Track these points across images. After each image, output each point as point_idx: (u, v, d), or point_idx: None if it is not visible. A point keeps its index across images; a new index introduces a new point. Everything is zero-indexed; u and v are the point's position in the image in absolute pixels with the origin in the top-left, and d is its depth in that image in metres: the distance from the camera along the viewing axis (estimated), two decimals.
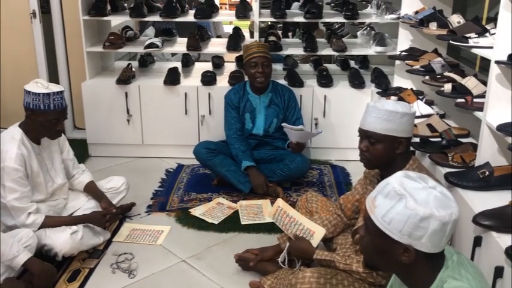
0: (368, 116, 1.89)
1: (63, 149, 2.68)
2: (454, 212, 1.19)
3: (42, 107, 2.33)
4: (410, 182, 1.22)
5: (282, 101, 3.35)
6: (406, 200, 1.18)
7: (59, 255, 2.39)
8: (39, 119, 2.37)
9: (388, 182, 1.24)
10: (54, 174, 2.56)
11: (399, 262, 1.22)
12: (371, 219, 1.23)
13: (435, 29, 2.78)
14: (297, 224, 2.26)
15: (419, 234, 1.18)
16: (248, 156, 3.19)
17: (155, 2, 4.23)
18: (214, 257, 2.59)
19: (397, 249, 1.21)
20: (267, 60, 3.22)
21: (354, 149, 2.14)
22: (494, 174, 2.09)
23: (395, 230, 1.19)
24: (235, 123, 3.30)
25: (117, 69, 4.06)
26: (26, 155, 2.37)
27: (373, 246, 1.27)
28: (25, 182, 2.37)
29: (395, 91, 3.33)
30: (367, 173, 2.17)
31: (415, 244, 1.19)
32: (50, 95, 2.34)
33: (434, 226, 1.17)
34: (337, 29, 5.09)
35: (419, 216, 1.17)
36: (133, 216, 2.98)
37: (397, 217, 1.18)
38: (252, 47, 3.25)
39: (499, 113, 2.15)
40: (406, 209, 1.18)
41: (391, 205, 1.20)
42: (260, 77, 3.21)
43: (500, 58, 2.06)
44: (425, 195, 1.19)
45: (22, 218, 2.35)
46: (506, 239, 1.74)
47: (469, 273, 1.24)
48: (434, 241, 1.19)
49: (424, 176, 1.27)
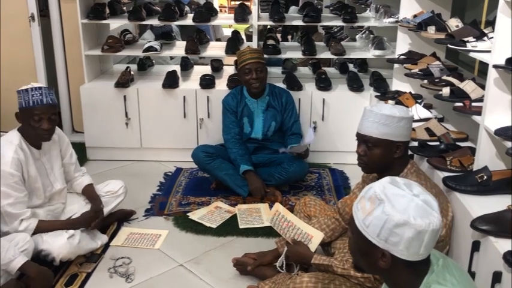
0: (365, 121, 1.89)
1: (66, 153, 2.65)
2: (432, 222, 1.19)
3: (24, 104, 2.31)
4: (393, 188, 1.24)
5: (279, 104, 3.34)
6: (384, 205, 1.20)
7: (56, 259, 2.38)
8: (24, 119, 2.34)
9: (371, 186, 1.26)
10: (54, 179, 2.54)
11: (378, 266, 1.24)
12: (354, 221, 1.26)
13: (433, 33, 2.78)
14: (295, 229, 2.25)
15: (395, 241, 1.19)
16: (246, 160, 3.18)
17: (154, 6, 4.23)
18: (212, 261, 2.58)
19: (376, 253, 1.23)
20: (260, 66, 3.21)
21: (352, 153, 2.14)
22: (492, 179, 2.08)
23: (373, 234, 1.21)
24: (234, 128, 3.29)
25: (116, 72, 4.06)
26: (22, 159, 2.35)
27: (356, 247, 1.29)
28: (21, 187, 2.34)
29: (393, 95, 3.32)
30: (365, 177, 2.17)
31: (392, 250, 1.20)
32: (29, 90, 2.31)
33: (409, 234, 1.18)
34: (336, 33, 5.10)
35: (394, 222, 1.18)
36: (131, 220, 2.97)
37: (375, 221, 1.20)
38: (245, 53, 3.23)
39: (497, 117, 2.15)
40: (383, 214, 1.19)
41: (371, 209, 1.22)
42: (255, 82, 3.21)
43: (498, 62, 2.06)
44: (405, 203, 1.20)
45: (15, 225, 2.33)
46: (505, 243, 1.73)
47: (454, 278, 1.24)
48: (412, 249, 1.19)
49: (410, 183, 1.27)
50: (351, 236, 1.31)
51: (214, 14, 4.12)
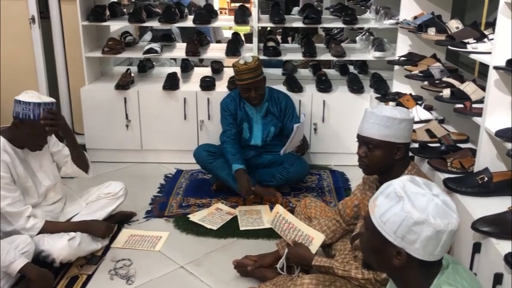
0: (366, 122, 1.89)
1: (49, 143, 2.59)
2: (451, 222, 1.19)
3: (32, 116, 2.30)
4: (413, 187, 1.23)
5: (278, 110, 3.31)
6: (403, 202, 1.20)
7: (56, 261, 2.38)
8: (26, 130, 2.34)
9: (391, 183, 1.26)
10: (42, 176, 2.52)
11: (392, 264, 1.24)
12: (370, 217, 1.25)
13: (434, 34, 2.78)
14: (295, 230, 2.25)
15: (412, 239, 1.19)
16: (238, 159, 3.11)
17: (154, 8, 4.24)
18: (213, 263, 2.58)
19: (390, 251, 1.22)
20: (258, 83, 3.14)
21: (353, 154, 2.14)
22: (493, 180, 2.09)
23: (390, 231, 1.21)
24: (230, 129, 3.24)
25: (116, 74, 4.06)
26: (9, 161, 2.34)
27: (369, 244, 1.29)
28: (13, 187, 2.34)
29: (394, 96, 3.33)
30: (365, 179, 2.16)
31: (408, 248, 1.20)
32: (41, 104, 2.32)
33: (427, 232, 1.17)
34: (336, 34, 5.10)
35: (413, 219, 1.18)
36: (132, 222, 2.97)
37: (393, 218, 1.20)
38: (242, 72, 3.09)
39: (497, 119, 2.15)
40: (402, 211, 1.19)
41: (389, 206, 1.21)
42: (253, 100, 3.19)
43: (499, 63, 2.06)
44: (425, 201, 1.20)
45: (21, 222, 2.34)
46: (506, 245, 1.73)
47: (464, 280, 1.24)
48: (428, 248, 1.19)
49: (429, 183, 1.27)
50: (364, 233, 1.30)
51: (214, 16, 4.13)
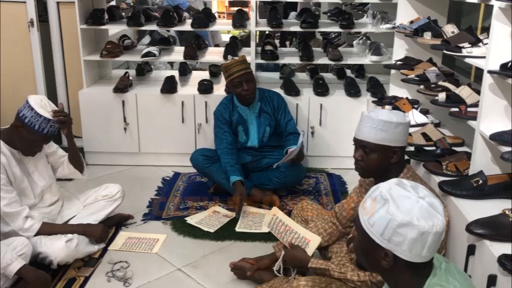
0: (362, 126, 1.90)
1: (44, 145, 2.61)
2: (436, 224, 1.21)
3: (37, 127, 2.33)
4: (399, 189, 1.26)
5: (271, 108, 3.34)
6: (388, 205, 1.22)
7: (54, 263, 2.39)
8: (25, 134, 2.36)
9: (378, 187, 1.28)
10: (38, 177, 2.54)
11: (381, 266, 1.26)
12: (359, 220, 1.28)
13: (430, 39, 2.80)
14: (292, 233, 2.26)
15: (398, 241, 1.21)
16: (236, 171, 3.11)
17: (153, 11, 4.26)
18: (210, 266, 2.58)
19: (378, 252, 1.25)
20: (249, 76, 3.19)
21: (350, 158, 2.15)
22: (487, 183, 2.10)
23: (377, 233, 1.23)
24: (226, 138, 3.25)
25: (115, 77, 4.07)
26: (5, 162, 2.36)
27: (360, 246, 1.31)
28: (10, 188, 2.36)
29: (390, 100, 3.35)
30: (362, 182, 2.18)
31: (395, 250, 1.22)
32: (50, 121, 2.35)
33: (412, 234, 1.19)
34: (333, 38, 5.12)
35: (397, 222, 1.20)
36: (129, 224, 2.98)
37: (379, 221, 1.22)
38: (232, 66, 3.18)
39: (492, 122, 2.17)
40: (387, 214, 1.21)
41: (376, 209, 1.24)
42: (247, 94, 3.21)
43: (493, 68, 2.08)
44: (410, 204, 1.22)
45: (19, 223, 2.36)
46: (499, 247, 1.75)
47: (457, 281, 1.26)
48: (415, 250, 1.21)
49: (417, 186, 1.29)
50: (356, 235, 1.33)
51: (212, 20, 4.14)
